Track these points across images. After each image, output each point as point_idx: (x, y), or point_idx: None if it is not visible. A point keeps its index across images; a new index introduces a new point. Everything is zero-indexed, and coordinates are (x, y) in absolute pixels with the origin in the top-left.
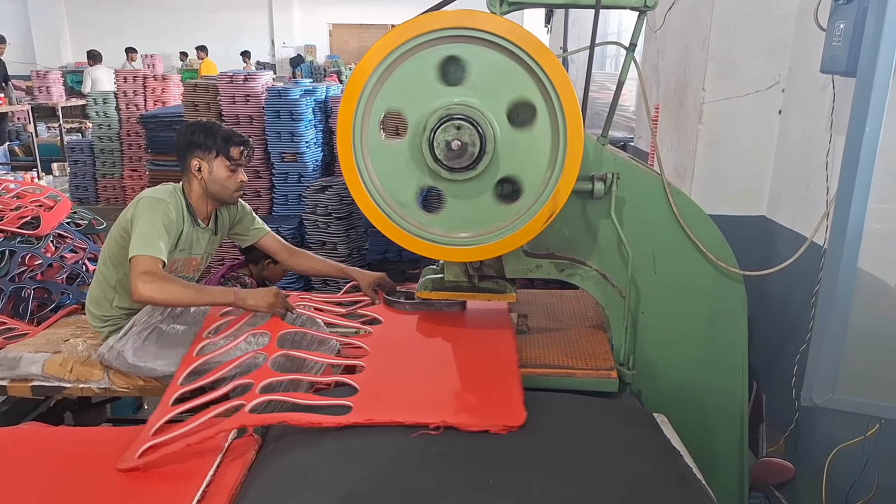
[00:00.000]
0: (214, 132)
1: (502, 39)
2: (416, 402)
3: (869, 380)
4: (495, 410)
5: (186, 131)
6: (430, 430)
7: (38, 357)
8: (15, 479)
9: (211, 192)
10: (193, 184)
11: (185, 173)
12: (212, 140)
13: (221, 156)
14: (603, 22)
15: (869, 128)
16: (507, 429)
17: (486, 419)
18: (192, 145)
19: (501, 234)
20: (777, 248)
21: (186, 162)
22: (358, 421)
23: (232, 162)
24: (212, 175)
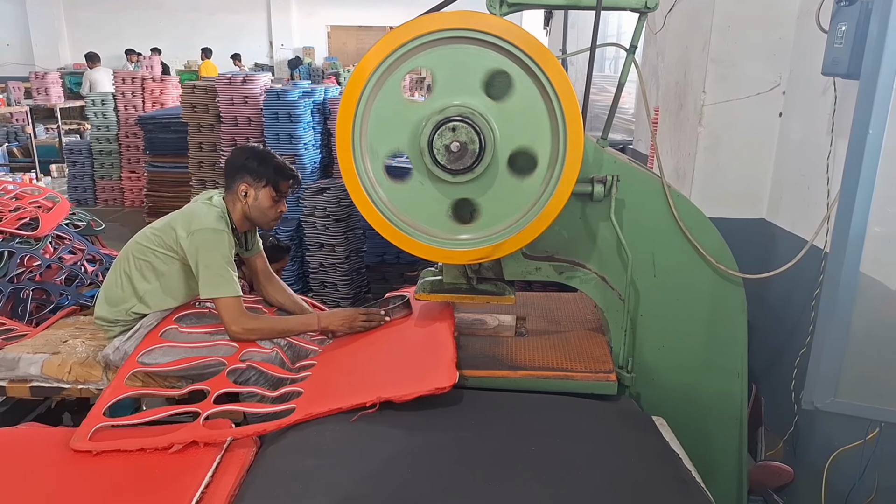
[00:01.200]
0: (268, 162)
1: (503, 41)
2: (352, 389)
3: (870, 383)
4: (427, 376)
5: (241, 154)
6: (368, 409)
7: (37, 358)
8: (14, 479)
9: (251, 217)
10: (237, 205)
11: (229, 192)
12: (264, 169)
13: (270, 185)
14: (602, 24)
15: (872, 130)
16: (438, 390)
17: (418, 386)
18: (245, 170)
19: (501, 236)
20: (777, 251)
21: (234, 184)
22: (299, 418)
23: (278, 194)
24: (256, 202)
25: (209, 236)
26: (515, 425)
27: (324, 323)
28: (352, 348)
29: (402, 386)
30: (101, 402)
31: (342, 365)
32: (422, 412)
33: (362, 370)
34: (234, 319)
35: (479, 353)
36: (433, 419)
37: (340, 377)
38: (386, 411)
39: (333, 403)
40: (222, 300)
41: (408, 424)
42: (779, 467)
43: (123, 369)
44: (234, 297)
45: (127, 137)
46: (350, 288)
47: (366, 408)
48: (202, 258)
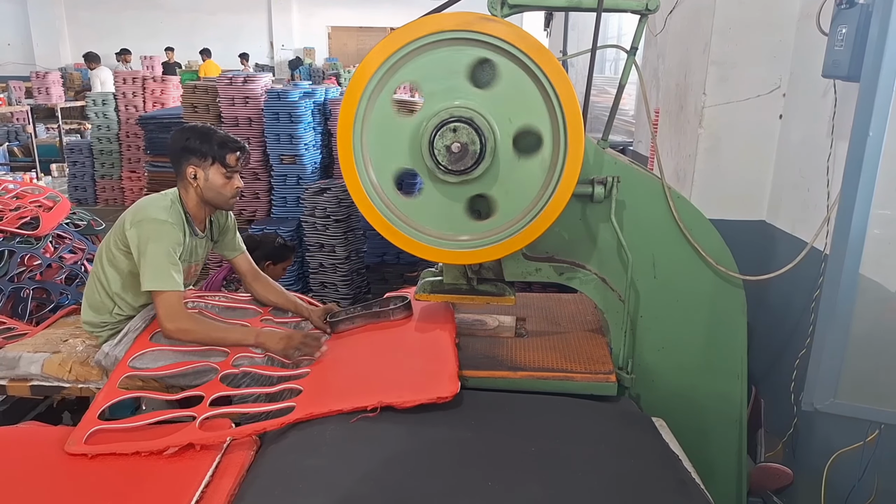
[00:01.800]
0: (210, 137)
1: (504, 43)
2: (354, 391)
3: (869, 385)
4: (429, 385)
5: (181, 136)
6: (368, 413)
7: (38, 357)
8: (14, 478)
9: (207, 199)
10: (190, 191)
11: (179, 180)
12: (207, 146)
13: (217, 162)
14: (603, 25)
15: (872, 132)
16: (439, 399)
17: (419, 394)
18: (187, 152)
19: (501, 237)
20: (777, 252)
21: (181, 168)
22: (300, 417)
23: (228, 169)
24: (207, 182)
25: (150, 227)
26: (515, 426)
27: (261, 339)
28: (352, 348)
29: (403, 392)
30: (94, 406)
31: (342, 365)
32: (422, 413)
33: (363, 372)
34: (168, 316)
35: (478, 353)
36: (433, 419)
37: (341, 378)
38: (386, 412)
39: (334, 404)
40: (160, 294)
41: (408, 425)
42: (778, 469)
43: (115, 374)
44: (173, 292)
45: (128, 137)
46: (350, 288)
47: (366, 411)
48: (142, 249)
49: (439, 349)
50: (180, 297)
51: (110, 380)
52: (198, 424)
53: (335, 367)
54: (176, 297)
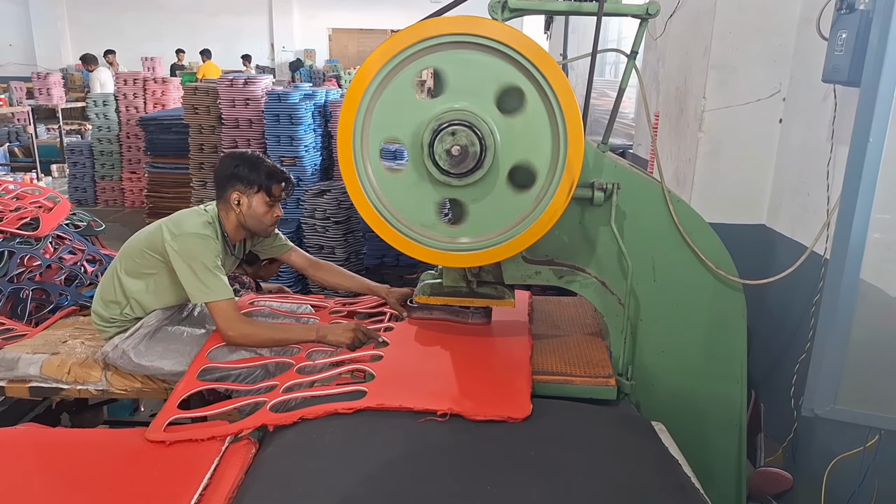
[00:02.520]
0: (258, 167)
1: (503, 45)
2: (425, 391)
3: (870, 391)
4: (501, 402)
5: (230, 162)
6: (437, 417)
7: (37, 358)
8: (12, 479)
9: (247, 226)
10: (231, 215)
11: (221, 202)
12: (256, 175)
13: (263, 192)
14: (603, 29)
15: (873, 137)
16: (510, 419)
17: (491, 409)
18: (235, 178)
19: (501, 239)
20: (777, 257)
21: (226, 193)
22: (370, 405)
23: (272, 199)
24: (250, 210)
25: (193, 241)
26: (514, 429)
27: (321, 333)
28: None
29: (476, 404)
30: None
31: (415, 360)
32: (420, 415)
33: (436, 373)
34: (228, 324)
35: None
36: (432, 423)
37: (413, 373)
38: (386, 413)
39: (405, 400)
40: (215, 304)
41: (407, 427)
42: (778, 474)
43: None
44: (227, 301)
45: (128, 138)
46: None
47: (435, 414)
48: (187, 264)
49: (514, 365)
50: (234, 303)
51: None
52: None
53: (408, 361)
54: (231, 304)
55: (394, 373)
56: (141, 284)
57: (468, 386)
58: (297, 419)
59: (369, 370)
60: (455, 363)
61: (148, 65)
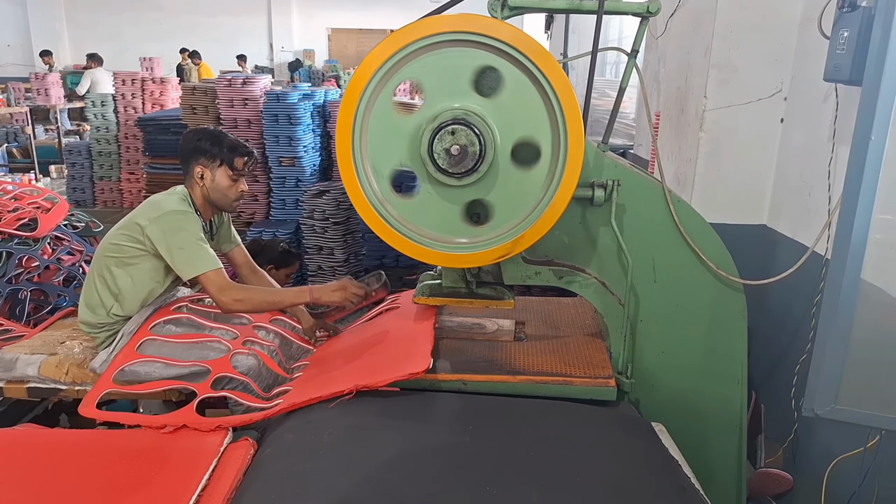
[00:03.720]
0: (221, 141)
1: (504, 44)
2: (333, 380)
3: (871, 391)
4: (402, 364)
5: (193, 137)
6: (345, 396)
7: (35, 359)
8: (10, 480)
9: (211, 200)
10: (196, 190)
11: (187, 179)
12: (217, 149)
13: (225, 165)
14: (603, 28)
15: (874, 136)
16: (411, 375)
17: (392, 373)
18: (198, 152)
19: (500, 240)
20: (777, 257)
21: (190, 168)
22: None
23: (235, 172)
24: (214, 183)
25: (173, 217)
26: (514, 430)
27: (316, 294)
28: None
29: (378, 374)
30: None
31: (330, 363)
32: (420, 416)
33: (346, 365)
34: (220, 291)
35: (477, 357)
36: (432, 423)
37: (325, 372)
38: (385, 414)
39: (314, 393)
40: (205, 276)
41: (406, 428)
42: (778, 474)
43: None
44: (216, 270)
45: (126, 139)
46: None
47: (343, 395)
48: (172, 241)
49: (416, 333)
50: (223, 272)
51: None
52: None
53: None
54: (220, 273)
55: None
56: (126, 278)
57: (372, 363)
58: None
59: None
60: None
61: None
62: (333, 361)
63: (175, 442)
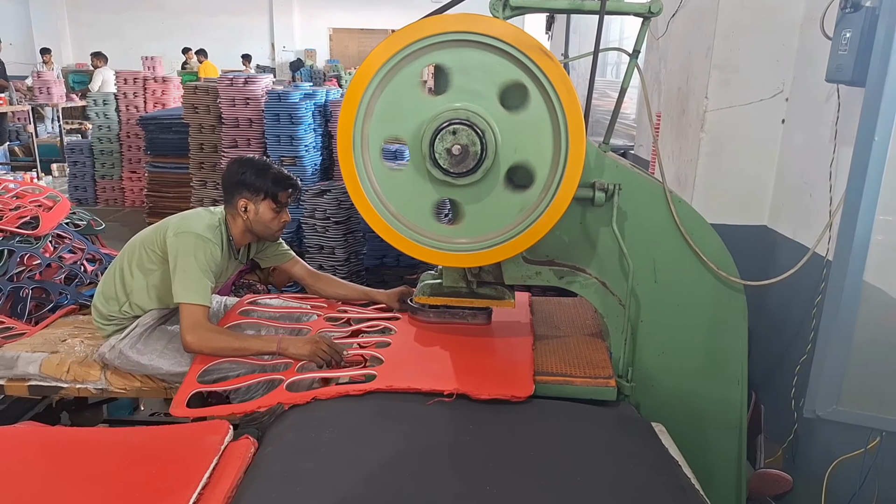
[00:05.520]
0: (265, 174)
1: (505, 44)
2: (431, 374)
3: (872, 392)
4: (505, 383)
5: (237, 169)
6: (444, 397)
7: (36, 357)
8: (10, 478)
9: (254, 231)
10: (238, 221)
11: (229, 207)
12: (262, 182)
13: (269, 198)
14: (605, 29)
15: (878, 137)
16: (514, 398)
17: (495, 389)
18: (242, 185)
19: (501, 240)
20: (778, 258)
21: (233, 199)
22: (380, 387)
23: (279, 205)
24: (257, 216)
25: (191, 241)
26: (514, 430)
27: (283, 345)
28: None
29: (480, 385)
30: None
31: (419, 350)
32: (420, 415)
33: (440, 360)
34: (191, 327)
35: None
36: (432, 423)
37: (418, 360)
38: (386, 413)
39: (413, 382)
40: (188, 306)
41: (406, 428)
42: (778, 475)
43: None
44: (200, 307)
45: (128, 137)
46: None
47: (442, 395)
48: (180, 261)
49: (517, 351)
50: (206, 312)
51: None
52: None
53: (413, 348)
54: (203, 311)
55: (400, 358)
56: (141, 281)
57: (472, 369)
58: (311, 399)
59: (378, 355)
60: (458, 350)
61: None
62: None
63: (176, 440)
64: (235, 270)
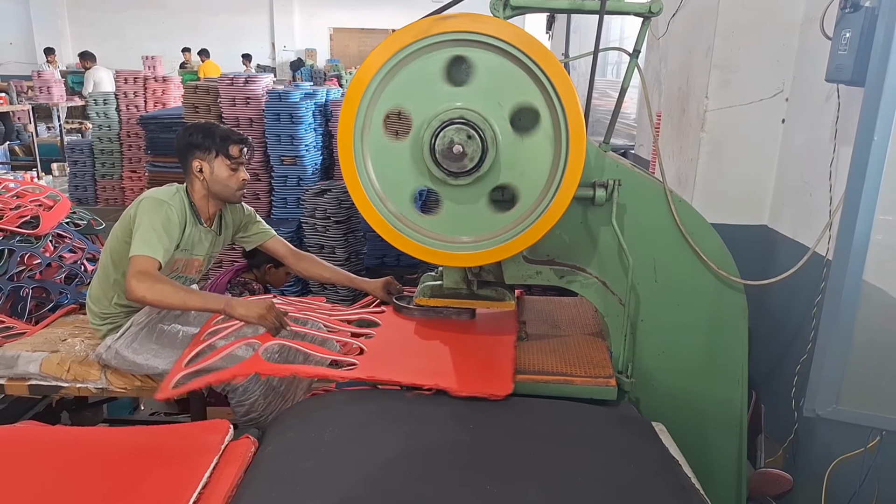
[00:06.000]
0: (212, 132)
1: (506, 44)
2: (413, 368)
3: (872, 392)
4: (484, 381)
5: (185, 133)
6: (424, 391)
7: (36, 356)
8: (10, 478)
9: (214, 192)
10: (196, 185)
11: (187, 175)
12: (210, 140)
13: (221, 155)
14: (605, 28)
15: (877, 136)
16: (493, 396)
17: (474, 387)
18: (192, 147)
19: (501, 239)
20: (778, 257)
21: (188, 164)
22: (360, 376)
23: (232, 160)
24: (213, 175)
25: (151, 204)
26: (514, 429)
27: (231, 304)
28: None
29: (460, 382)
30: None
31: (403, 343)
32: (421, 415)
33: (422, 354)
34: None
35: None
36: (432, 422)
37: (401, 353)
38: (386, 412)
39: (395, 375)
40: (136, 257)
41: (407, 427)
42: (778, 475)
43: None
44: (150, 258)
45: (128, 137)
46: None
47: (422, 389)
48: (139, 223)
49: (499, 349)
50: (156, 265)
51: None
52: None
53: (396, 341)
54: (152, 263)
55: (383, 350)
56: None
57: (453, 365)
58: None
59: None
60: (441, 346)
61: (148, 63)
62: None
63: (176, 439)
64: (213, 245)
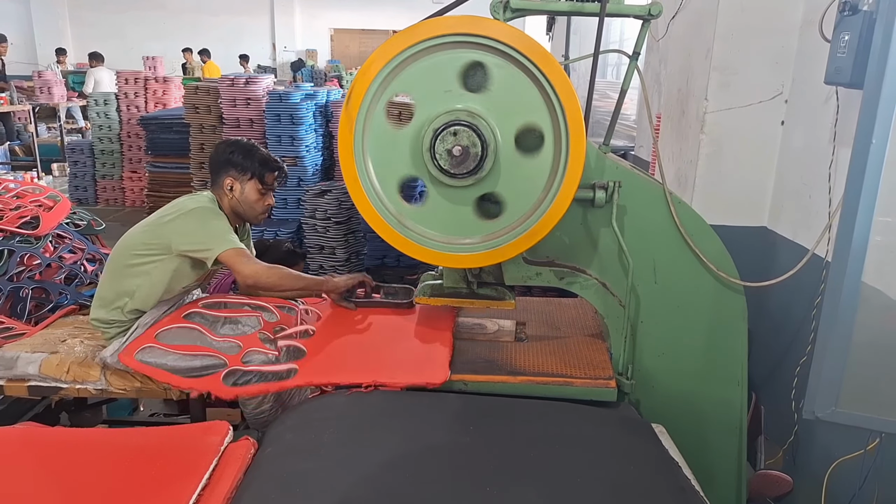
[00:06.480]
0: (253, 154)
1: (507, 47)
2: (351, 367)
3: (871, 394)
4: (421, 371)
5: (225, 148)
6: (362, 389)
7: (35, 357)
8: (10, 479)
9: (238, 212)
10: (224, 200)
11: (215, 187)
12: (249, 161)
13: (256, 178)
14: (605, 30)
15: (875, 139)
16: (429, 385)
17: (411, 377)
18: (230, 164)
19: (501, 241)
20: (778, 259)
21: (220, 178)
22: (299, 383)
23: (264, 186)
24: (243, 195)
25: (206, 211)
26: (514, 431)
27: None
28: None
29: (397, 374)
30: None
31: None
32: (420, 416)
33: (361, 351)
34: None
35: (478, 357)
36: (432, 424)
37: (339, 352)
38: (386, 413)
39: (334, 377)
40: (227, 252)
41: (406, 429)
42: (778, 476)
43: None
44: (238, 249)
45: (129, 137)
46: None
47: (360, 387)
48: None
49: (435, 339)
50: (245, 252)
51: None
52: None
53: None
54: (242, 251)
55: (322, 350)
56: (144, 278)
57: (390, 359)
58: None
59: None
60: (380, 341)
61: (149, 64)
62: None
63: (175, 441)
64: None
